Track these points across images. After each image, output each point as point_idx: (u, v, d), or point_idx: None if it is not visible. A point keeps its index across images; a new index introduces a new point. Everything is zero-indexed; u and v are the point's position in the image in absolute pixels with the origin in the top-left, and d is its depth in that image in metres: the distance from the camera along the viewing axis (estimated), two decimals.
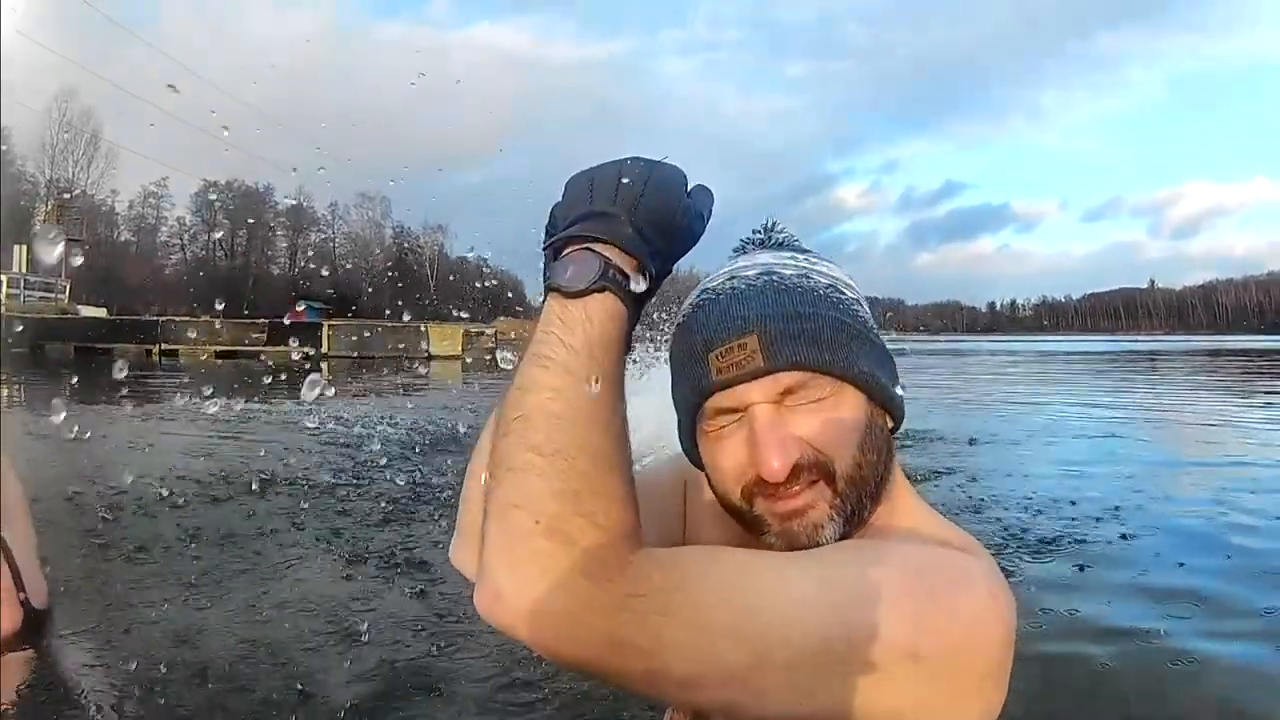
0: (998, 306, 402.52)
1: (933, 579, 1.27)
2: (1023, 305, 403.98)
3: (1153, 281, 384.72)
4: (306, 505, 7.44)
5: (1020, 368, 38.82)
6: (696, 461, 1.53)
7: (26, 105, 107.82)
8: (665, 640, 1.16)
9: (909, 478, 1.53)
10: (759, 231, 1.68)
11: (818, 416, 1.39)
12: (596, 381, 1.24)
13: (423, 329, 47.13)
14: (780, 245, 1.63)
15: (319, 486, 8.46)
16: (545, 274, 1.35)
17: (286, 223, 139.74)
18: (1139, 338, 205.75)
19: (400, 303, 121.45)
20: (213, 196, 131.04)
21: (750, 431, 1.39)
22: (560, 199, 1.41)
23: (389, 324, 53.22)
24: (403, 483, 8.68)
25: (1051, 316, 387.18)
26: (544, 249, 1.41)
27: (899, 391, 1.48)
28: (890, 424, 1.48)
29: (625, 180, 1.35)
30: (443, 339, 46.73)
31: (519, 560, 1.17)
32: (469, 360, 42.55)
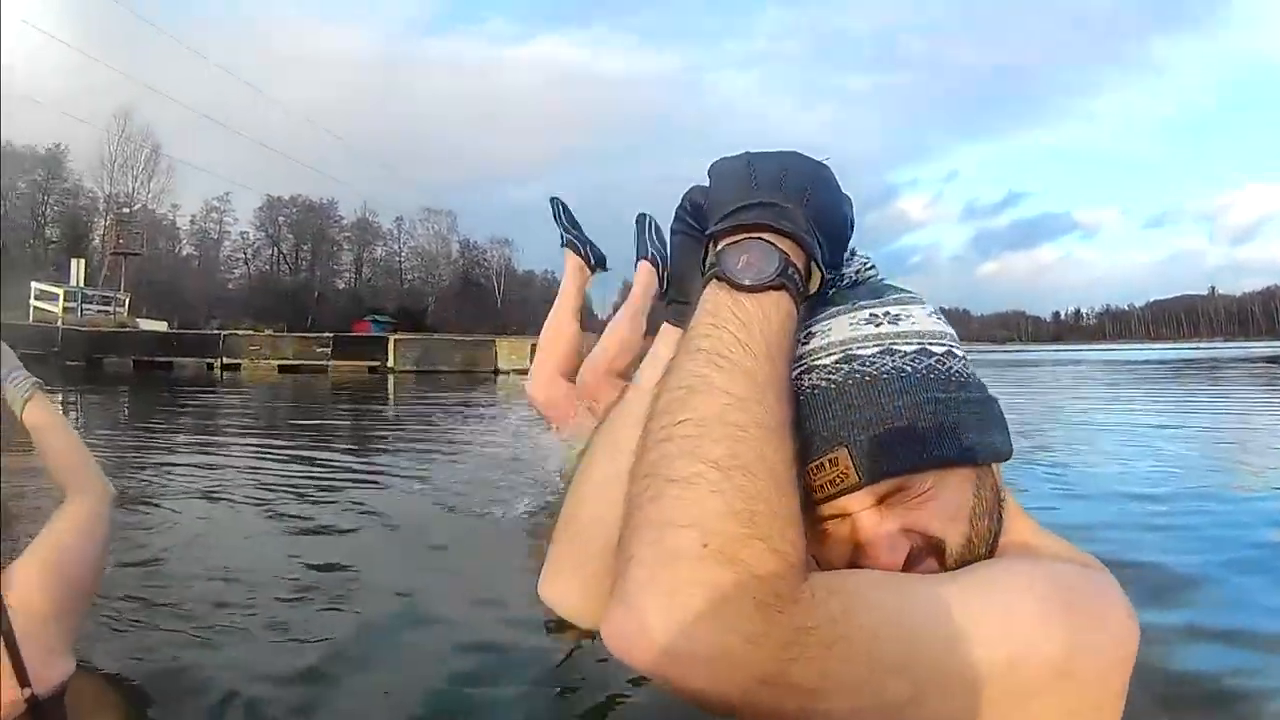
0: (1062, 316, 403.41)
1: (1078, 596, 1.27)
2: (1087, 314, 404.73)
3: (1213, 288, 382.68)
4: None
5: (1087, 379, 37.70)
6: None
7: (86, 121, 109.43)
8: (830, 676, 1.11)
9: None
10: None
11: (924, 509, 1.37)
12: (777, 391, 1.20)
13: (492, 343, 47.10)
14: (856, 283, 1.59)
15: None
16: (705, 262, 1.32)
17: (351, 237, 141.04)
18: (1200, 345, 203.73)
19: (466, 317, 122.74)
20: (277, 215, 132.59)
21: (854, 531, 1.38)
22: (710, 184, 1.38)
23: (457, 338, 53.10)
24: None
25: (1115, 324, 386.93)
26: (685, 231, 1.52)
27: (999, 437, 1.46)
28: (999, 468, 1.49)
29: (790, 170, 1.32)
30: (511, 353, 46.26)
31: (679, 586, 1.08)
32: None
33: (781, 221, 1.25)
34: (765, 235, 1.26)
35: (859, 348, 1.42)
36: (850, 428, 1.35)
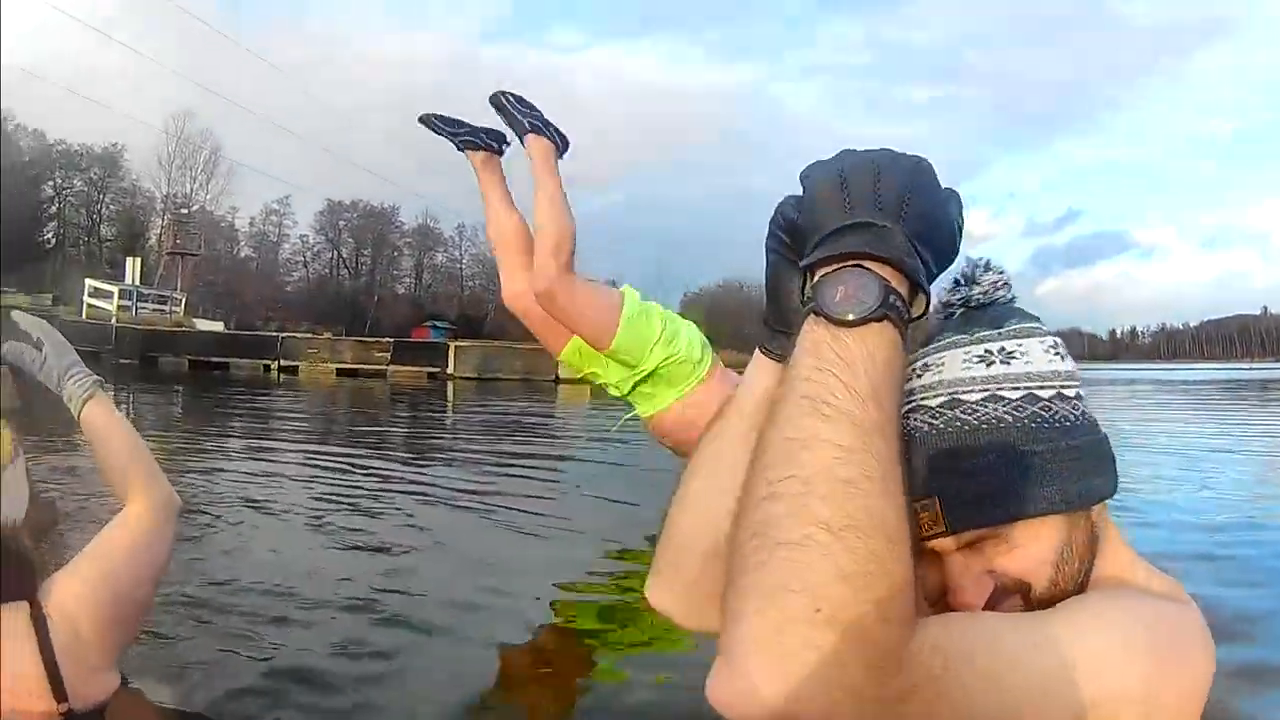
0: (1118, 334, 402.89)
1: (1163, 634, 1.31)
2: (1142, 332, 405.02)
3: (1265, 308, 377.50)
4: None
5: (1142, 399, 37.23)
6: None
7: (143, 122, 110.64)
8: None
9: None
10: (961, 283, 1.62)
11: (1010, 556, 1.43)
12: (886, 434, 1.15)
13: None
14: (983, 305, 1.61)
15: None
16: (803, 292, 1.33)
17: (412, 243, 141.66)
18: (1252, 365, 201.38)
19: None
20: (337, 219, 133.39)
21: (943, 569, 1.45)
22: (802, 198, 1.33)
23: (517, 345, 53.14)
24: None
25: (1170, 344, 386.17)
26: (780, 251, 1.45)
27: (1099, 480, 1.49)
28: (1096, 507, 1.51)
29: (885, 179, 1.25)
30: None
31: (789, 652, 1.06)
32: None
33: (878, 247, 1.19)
34: (863, 262, 1.20)
35: (965, 392, 1.47)
36: (944, 476, 1.41)
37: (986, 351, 1.50)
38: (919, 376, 1.53)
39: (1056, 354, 1.53)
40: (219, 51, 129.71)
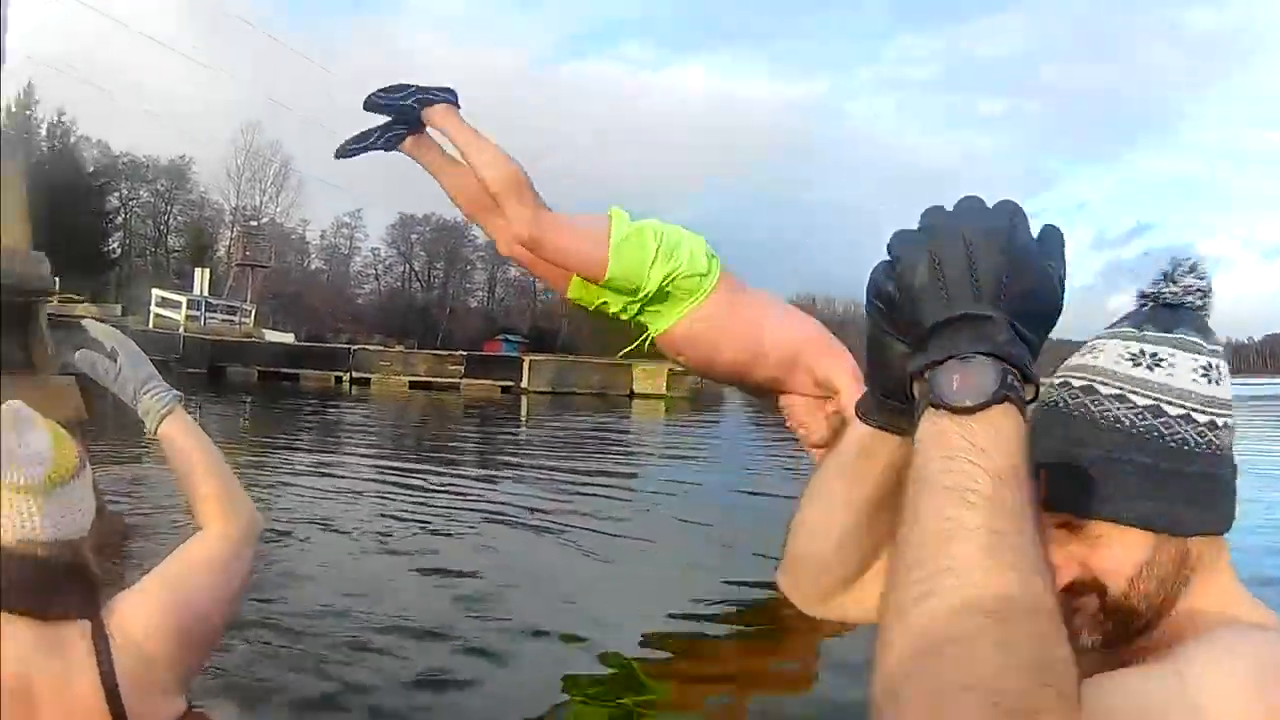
0: None
1: (1273, 674, 1.30)
2: None
3: None
4: None
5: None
6: None
7: (212, 135, 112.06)
8: None
9: None
10: (1162, 279, 1.64)
11: (1093, 550, 1.51)
12: (1031, 511, 1.12)
13: (628, 367, 47.19)
14: (1171, 306, 1.62)
15: None
16: (912, 385, 1.25)
17: (485, 256, 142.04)
18: None
19: (599, 339, 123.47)
20: (409, 233, 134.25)
21: None
22: (895, 269, 1.26)
23: (593, 360, 53.14)
24: None
25: (1235, 358, 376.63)
26: (881, 331, 1.36)
27: (1207, 514, 1.51)
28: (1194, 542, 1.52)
29: (980, 261, 1.19)
30: (646, 377, 46.07)
31: None
32: (673, 398, 42.59)
33: (982, 344, 1.15)
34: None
35: (1102, 384, 1.54)
36: (1056, 456, 1.49)
37: (1140, 351, 1.54)
38: (1081, 355, 1.62)
39: (1205, 376, 1.52)
40: (286, 64, 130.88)
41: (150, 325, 50.55)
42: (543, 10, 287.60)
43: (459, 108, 5.69)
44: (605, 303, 5.68)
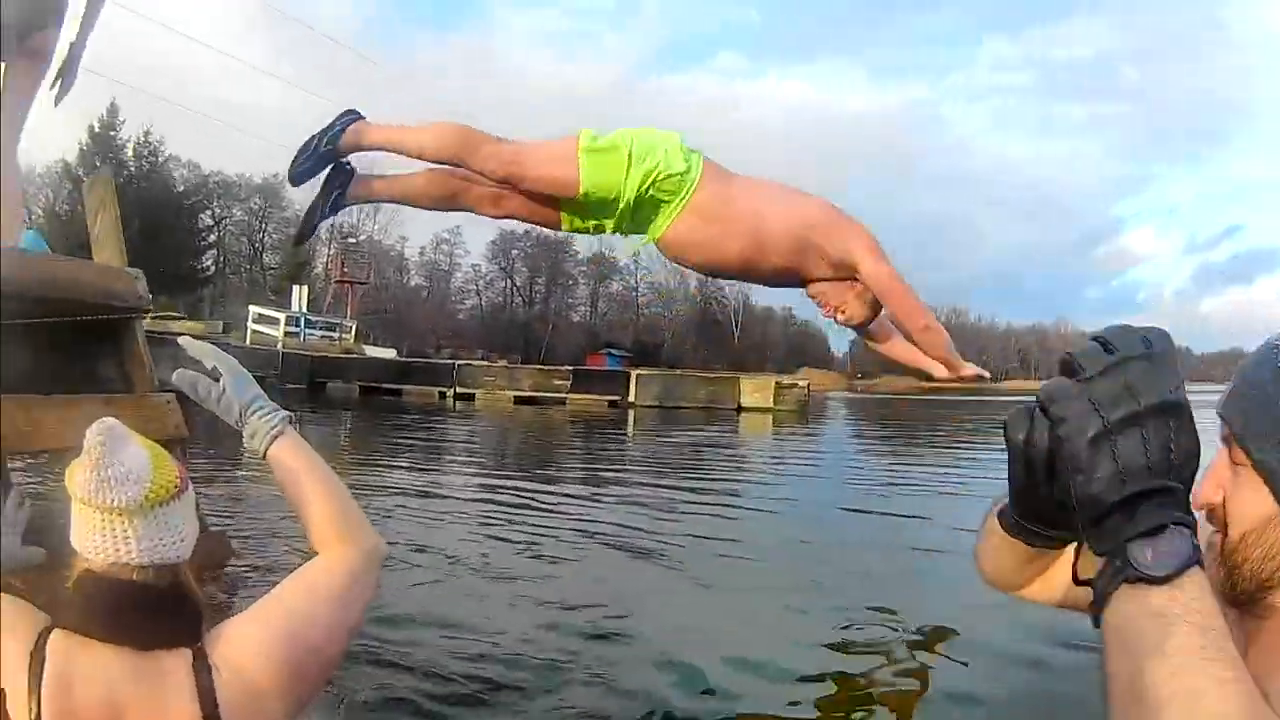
0: None
1: None
2: None
3: None
4: None
5: None
6: None
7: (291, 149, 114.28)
8: None
9: None
10: None
11: (1234, 483, 1.55)
12: (1239, 660, 1.23)
13: (734, 380, 47.04)
14: None
15: None
16: (1110, 563, 1.31)
17: (587, 271, 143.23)
18: None
19: (702, 352, 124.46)
20: (510, 248, 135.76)
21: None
22: (1063, 445, 1.34)
23: (700, 373, 53.11)
24: None
25: None
26: (1029, 475, 1.45)
27: None
28: None
29: (1151, 438, 1.30)
30: (753, 390, 46.29)
31: None
32: (780, 411, 42.64)
33: (1168, 516, 1.26)
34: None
35: None
36: (1237, 372, 1.58)
37: None
38: None
39: None
40: (378, 82, 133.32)
41: (248, 341, 51.38)
42: (638, 24, 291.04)
43: (364, 118, 5.52)
44: (600, 225, 5.43)
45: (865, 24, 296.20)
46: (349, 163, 5.55)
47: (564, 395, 45.09)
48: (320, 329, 62.81)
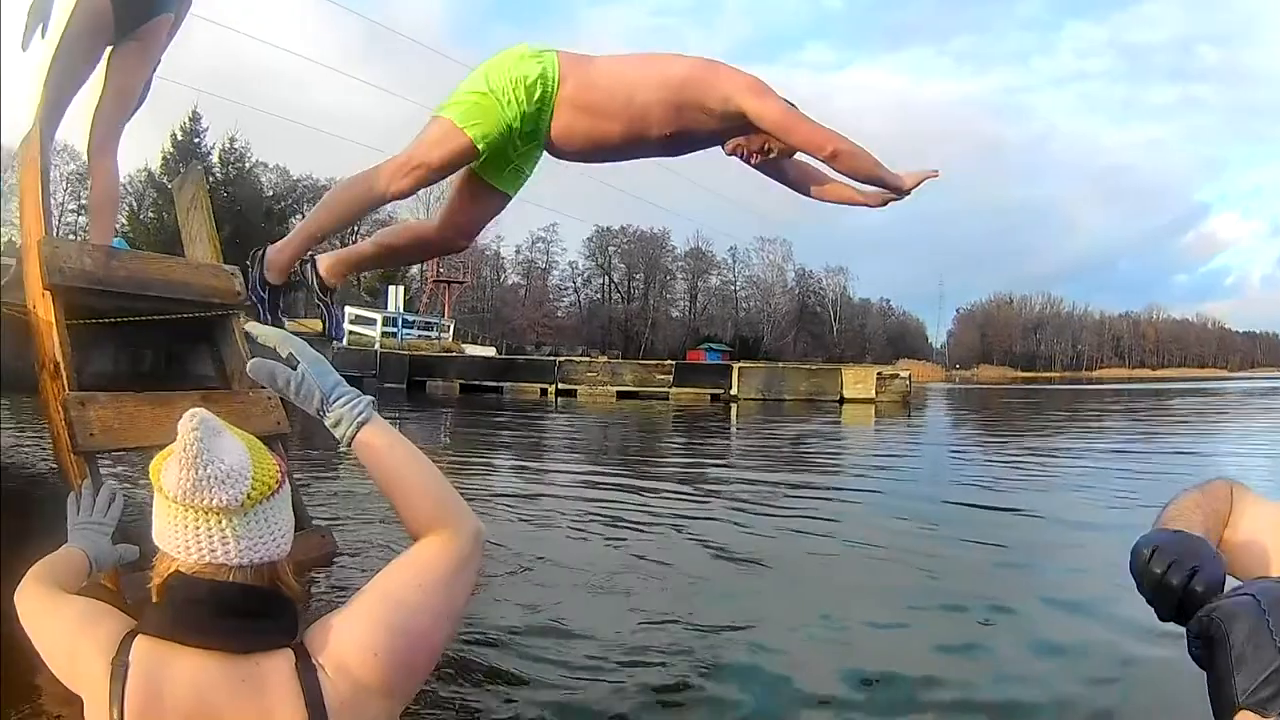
0: None
1: None
2: None
3: None
4: None
5: None
6: None
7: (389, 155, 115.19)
8: None
9: None
10: None
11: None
12: None
13: (836, 371, 46.90)
14: None
15: None
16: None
17: (685, 266, 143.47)
18: None
19: (801, 345, 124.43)
20: (607, 245, 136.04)
21: None
22: (1230, 636, 1.61)
23: (802, 366, 52.97)
24: None
25: None
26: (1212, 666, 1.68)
27: None
28: None
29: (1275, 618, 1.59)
30: (855, 382, 45.92)
31: None
32: (882, 403, 42.44)
33: None
34: None
35: None
36: None
37: None
38: None
39: None
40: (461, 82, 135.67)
41: (344, 342, 51.81)
42: (721, 21, 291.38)
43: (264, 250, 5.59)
44: (517, 168, 5.42)
45: (948, 10, 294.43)
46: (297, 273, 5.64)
47: (666, 390, 45.26)
48: (418, 329, 63.61)
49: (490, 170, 5.24)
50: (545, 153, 5.32)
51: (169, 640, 1.94)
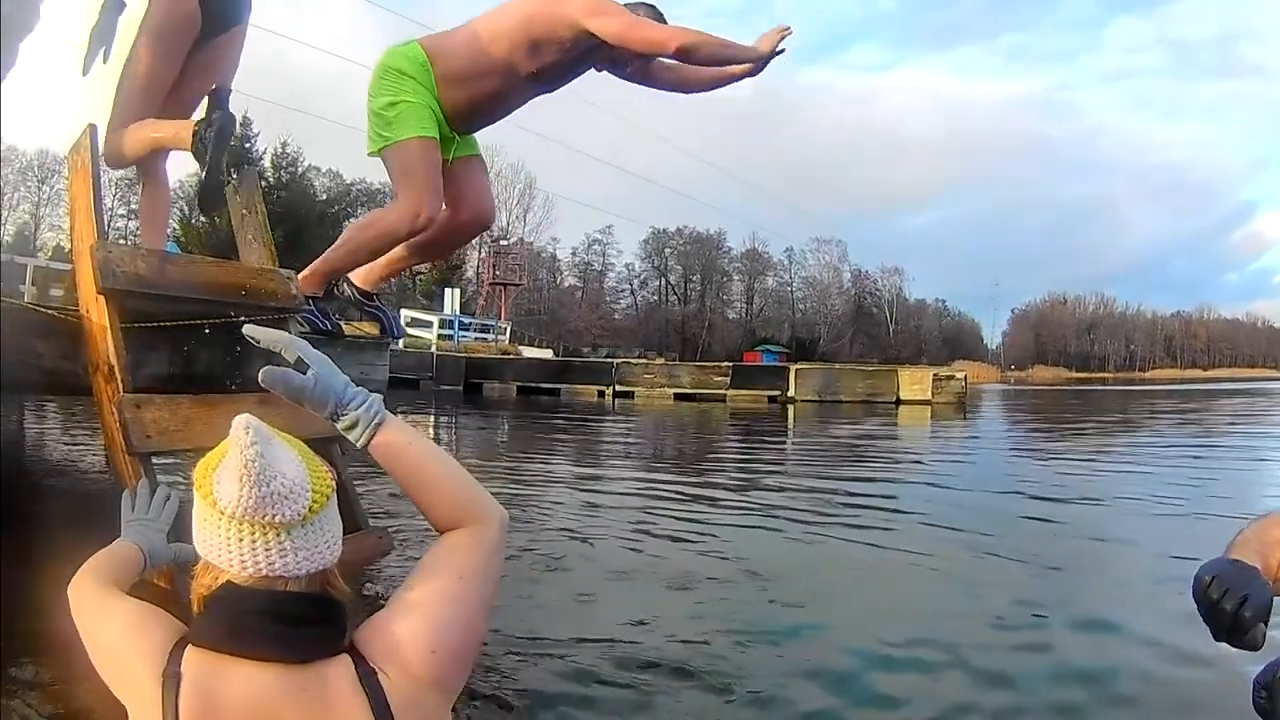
0: None
1: None
2: None
3: None
4: None
5: None
6: None
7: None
8: None
9: None
10: None
11: None
12: None
13: (893, 373, 46.85)
14: None
15: None
16: None
17: (741, 267, 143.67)
18: None
19: (858, 346, 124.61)
20: (663, 246, 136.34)
21: None
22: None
23: (859, 367, 52.99)
24: None
25: None
26: None
27: None
28: None
29: None
30: (912, 383, 45.98)
31: None
32: (939, 404, 42.47)
33: None
34: None
35: None
36: None
37: None
38: None
39: None
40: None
41: (399, 345, 52.09)
42: (768, 24, 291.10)
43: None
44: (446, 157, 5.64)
45: (996, 8, 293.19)
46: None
47: (724, 392, 45.35)
48: (474, 331, 63.87)
49: (446, 150, 5.48)
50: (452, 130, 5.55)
51: (222, 652, 1.92)
